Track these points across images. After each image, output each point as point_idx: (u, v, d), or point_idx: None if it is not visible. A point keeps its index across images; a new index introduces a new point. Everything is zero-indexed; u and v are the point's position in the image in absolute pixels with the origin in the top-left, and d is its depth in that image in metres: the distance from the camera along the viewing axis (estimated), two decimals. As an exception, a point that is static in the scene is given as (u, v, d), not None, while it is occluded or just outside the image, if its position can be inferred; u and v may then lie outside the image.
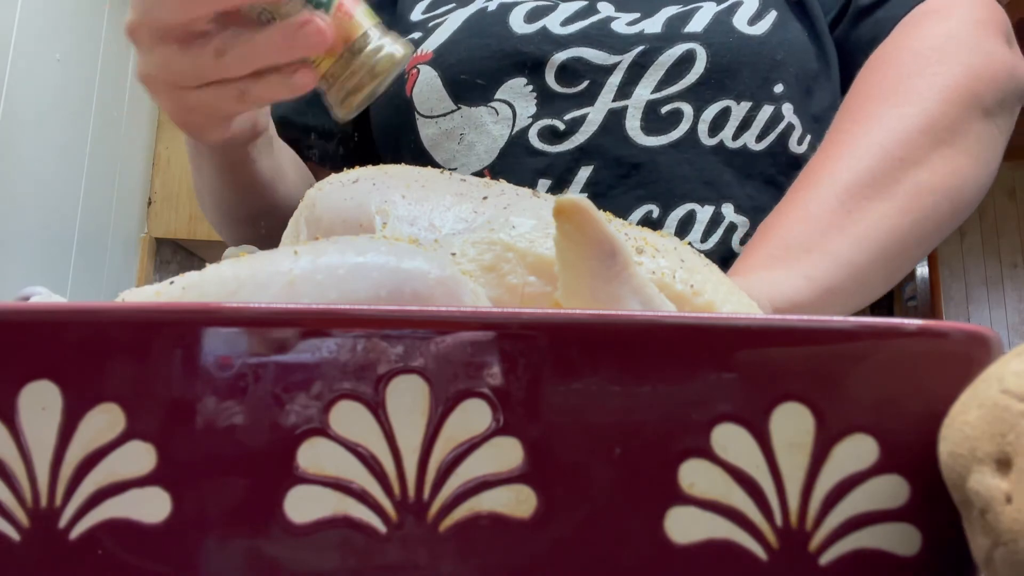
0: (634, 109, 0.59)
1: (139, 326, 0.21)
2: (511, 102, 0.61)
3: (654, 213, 0.58)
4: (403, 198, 0.36)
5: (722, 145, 0.60)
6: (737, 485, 0.21)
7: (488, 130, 0.61)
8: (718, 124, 0.60)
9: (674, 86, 0.59)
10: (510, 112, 0.61)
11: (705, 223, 0.58)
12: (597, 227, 0.26)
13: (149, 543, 0.21)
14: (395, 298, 0.27)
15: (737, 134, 0.60)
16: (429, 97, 0.62)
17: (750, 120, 0.60)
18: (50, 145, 1.63)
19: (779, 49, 0.61)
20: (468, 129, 0.61)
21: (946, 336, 0.22)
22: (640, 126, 0.59)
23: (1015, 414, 0.19)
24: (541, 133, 0.60)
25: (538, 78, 0.60)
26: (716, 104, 0.59)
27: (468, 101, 0.61)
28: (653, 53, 0.60)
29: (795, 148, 0.62)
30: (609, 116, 0.59)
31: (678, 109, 0.59)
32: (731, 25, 0.61)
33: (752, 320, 0.22)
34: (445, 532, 0.21)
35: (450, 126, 0.62)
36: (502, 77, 0.61)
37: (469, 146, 0.61)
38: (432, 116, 0.62)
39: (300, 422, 0.21)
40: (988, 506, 0.19)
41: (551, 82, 0.60)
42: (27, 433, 0.21)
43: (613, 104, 0.59)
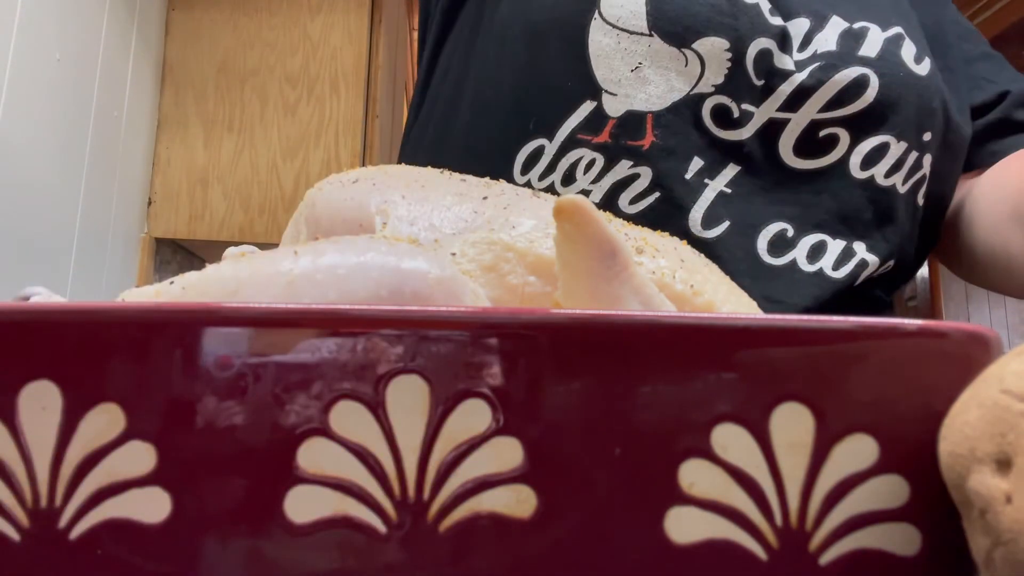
0: (795, 125, 0.56)
1: (139, 326, 0.21)
2: (705, 59, 0.55)
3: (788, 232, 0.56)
4: (403, 198, 0.36)
5: (872, 181, 0.57)
6: (737, 485, 0.21)
7: (669, 75, 0.55)
8: (873, 159, 0.57)
9: (841, 109, 0.56)
10: (699, 68, 0.55)
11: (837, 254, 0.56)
12: (597, 227, 0.26)
13: (149, 543, 0.21)
14: (395, 298, 0.27)
15: (890, 173, 0.57)
16: (624, 6, 0.55)
17: (903, 162, 0.57)
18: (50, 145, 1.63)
19: (936, 96, 0.59)
20: (650, 62, 0.55)
21: (946, 336, 0.22)
22: (793, 145, 0.56)
23: (1015, 414, 0.19)
24: (715, 111, 0.56)
25: (741, 50, 0.56)
26: (875, 138, 0.56)
27: (664, 35, 0.55)
28: (829, 70, 0.56)
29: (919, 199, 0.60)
30: (768, 125, 0.56)
31: (835, 135, 0.56)
32: (899, 57, 0.58)
33: (752, 320, 0.22)
34: (445, 532, 0.21)
35: (631, 47, 0.55)
36: (709, 30, 0.55)
37: (643, 80, 0.55)
38: (617, 27, 0.55)
39: (300, 422, 0.21)
40: (988, 506, 0.19)
41: (748, 63, 0.56)
42: (27, 433, 0.21)
43: (776, 114, 0.56)
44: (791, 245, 0.55)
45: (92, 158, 1.80)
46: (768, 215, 0.56)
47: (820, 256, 0.56)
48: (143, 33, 2.03)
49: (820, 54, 0.57)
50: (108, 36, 1.86)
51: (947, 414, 0.21)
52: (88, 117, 1.79)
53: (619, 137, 0.55)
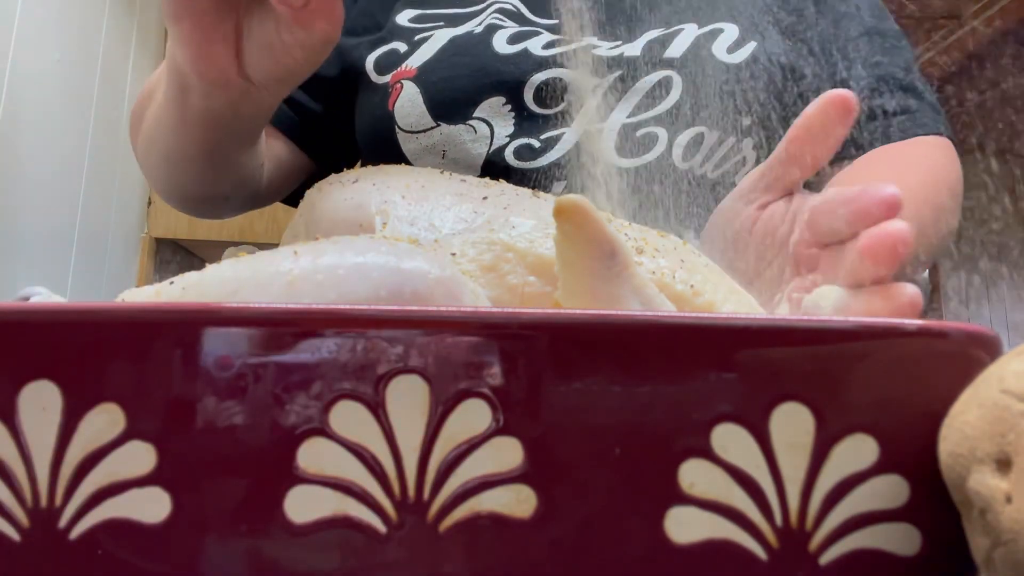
0: (610, 132, 0.60)
1: (139, 326, 0.21)
2: (489, 121, 0.62)
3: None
4: (403, 198, 0.36)
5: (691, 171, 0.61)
6: (737, 485, 0.21)
7: (466, 148, 0.62)
8: (692, 150, 0.61)
9: (649, 111, 0.61)
10: (488, 131, 0.62)
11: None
12: (597, 227, 0.26)
13: (149, 543, 0.21)
14: (395, 298, 0.27)
15: (704, 161, 0.61)
16: (410, 113, 0.63)
17: (715, 150, 0.61)
18: (50, 145, 1.63)
19: (754, 81, 0.62)
20: (448, 146, 0.62)
21: (946, 336, 0.22)
22: (615, 147, 0.60)
23: (1015, 414, 0.19)
24: (517, 152, 0.61)
25: (516, 98, 0.61)
26: (690, 130, 0.60)
27: (447, 119, 0.62)
28: (631, 78, 0.61)
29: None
30: (585, 137, 0.60)
31: (653, 133, 0.60)
32: (709, 51, 0.62)
33: (752, 320, 0.22)
34: (445, 532, 0.21)
35: (430, 142, 0.63)
36: (481, 96, 0.62)
37: (452, 162, 0.62)
38: (413, 131, 0.63)
39: (300, 422, 0.21)
40: (988, 506, 0.19)
41: (529, 102, 0.61)
42: (27, 433, 0.21)
43: (589, 126, 0.60)
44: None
45: (92, 158, 1.80)
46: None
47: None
48: (143, 33, 2.03)
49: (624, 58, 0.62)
50: (108, 36, 1.86)
51: (947, 414, 0.21)
52: (88, 117, 1.79)
53: None
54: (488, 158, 0.61)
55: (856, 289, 0.34)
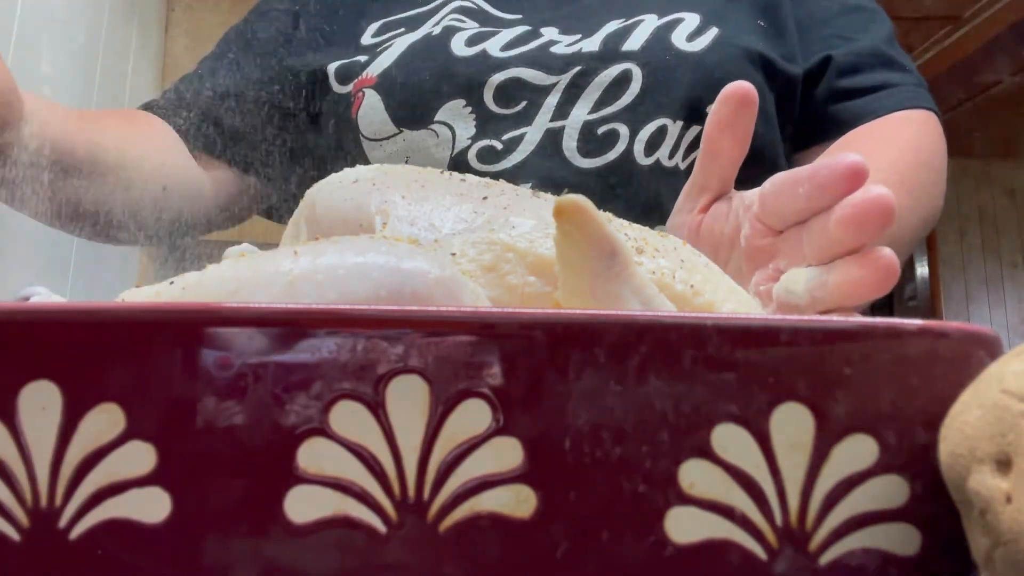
0: (571, 130, 0.60)
1: (139, 326, 0.21)
2: (451, 124, 0.62)
3: None
4: (403, 198, 0.36)
5: (658, 164, 0.60)
6: (737, 485, 0.21)
7: (430, 153, 0.62)
8: (655, 143, 0.60)
9: (610, 107, 0.60)
10: (450, 134, 0.62)
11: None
12: (597, 227, 0.26)
13: (149, 543, 0.21)
14: (395, 298, 0.27)
15: (672, 153, 0.60)
16: (373, 121, 0.63)
17: (681, 140, 0.60)
18: (50, 145, 1.63)
19: (717, 68, 0.61)
20: (411, 152, 0.62)
21: (947, 336, 0.22)
22: (577, 147, 0.60)
23: (1015, 414, 0.19)
24: (480, 154, 0.61)
25: (476, 99, 0.61)
26: (652, 123, 0.59)
27: (409, 125, 0.62)
28: (590, 74, 0.60)
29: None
30: (547, 136, 0.60)
31: (614, 130, 0.60)
32: (669, 42, 0.61)
33: (752, 320, 0.22)
34: (445, 532, 0.21)
35: (394, 149, 0.63)
36: (441, 100, 0.62)
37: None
38: (377, 139, 0.63)
39: (300, 422, 0.21)
40: (988, 506, 0.19)
41: (489, 103, 0.61)
42: (27, 433, 0.21)
43: (551, 124, 0.60)
44: None
45: (92, 158, 1.80)
46: None
47: None
48: (143, 33, 2.03)
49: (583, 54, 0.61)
50: (108, 36, 1.86)
51: (947, 414, 0.21)
52: (88, 117, 1.78)
53: None
54: (452, 162, 0.61)
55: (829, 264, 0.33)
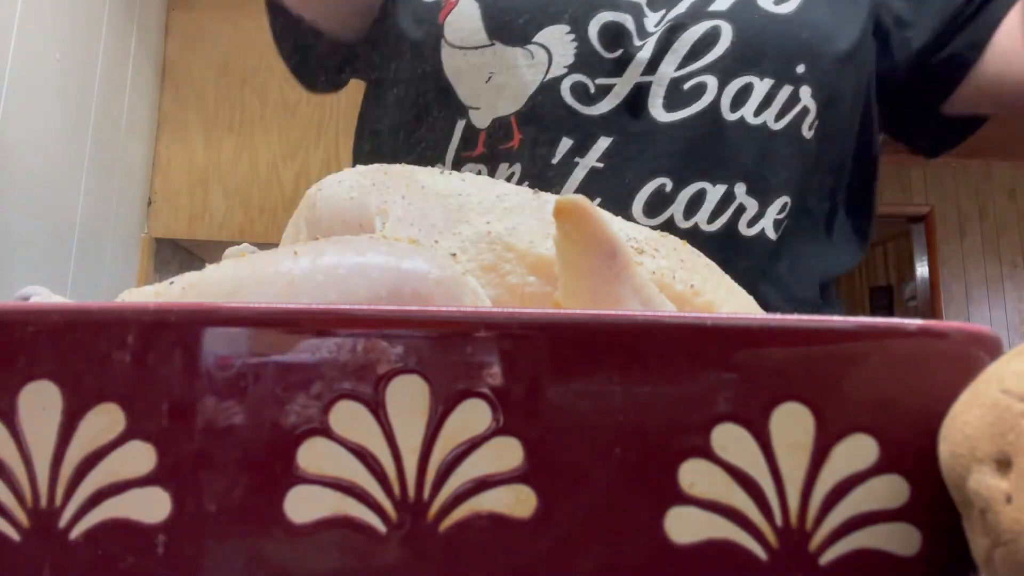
0: (658, 87, 0.58)
1: (139, 326, 0.21)
2: (549, 48, 0.59)
3: (667, 187, 0.57)
4: (403, 198, 0.36)
5: (743, 121, 0.58)
6: (737, 485, 0.21)
7: (520, 73, 0.58)
8: (740, 99, 0.58)
9: (698, 61, 0.58)
10: (546, 57, 0.59)
11: (715, 203, 0.57)
12: (597, 227, 0.26)
13: (149, 543, 0.21)
14: (395, 298, 0.27)
15: (759, 111, 0.58)
16: (463, 27, 0.59)
17: (771, 98, 0.59)
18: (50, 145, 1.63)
19: (804, 29, 0.59)
20: (499, 68, 0.59)
21: (946, 336, 0.22)
22: (662, 103, 0.58)
23: (1015, 414, 0.19)
24: (574, 89, 0.59)
25: (583, 29, 0.59)
26: (740, 79, 0.58)
27: (504, 39, 0.59)
28: (678, 30, 0.59)
29: (805, 132, 0.60)
30: (634, 91, 0.58)
31: (702, 83, 0.58)
32: (756, 5, 0.60)
33: (752, 320, 0.22)
34: (445, 532, 0.21)
35: (479, 61, 0.59)
36: (545, 21, 0.59)
37: (498, 87, 0.59)
38: (462, 47, 0.59)
39: (300, 422, 0.21)
40: (988, 506, 0.19)
41: (593, 39, 0.59)
42: (27, 433, 0.21)
43: (640, 79, 0.58)
44: (669, 201, 0.57)
45: (92, 158, 1.80)
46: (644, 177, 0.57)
47: (697, 209, 0.57)
48: (143, 33, 2.03)
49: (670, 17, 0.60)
50: (108, 36, 1.86)
51: (947, 414, 0.21)
52: (88, 117, 1.79)
53: (492, 145, 0.59)
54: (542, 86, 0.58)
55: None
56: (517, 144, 0.59)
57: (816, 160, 0.61)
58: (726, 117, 0.58)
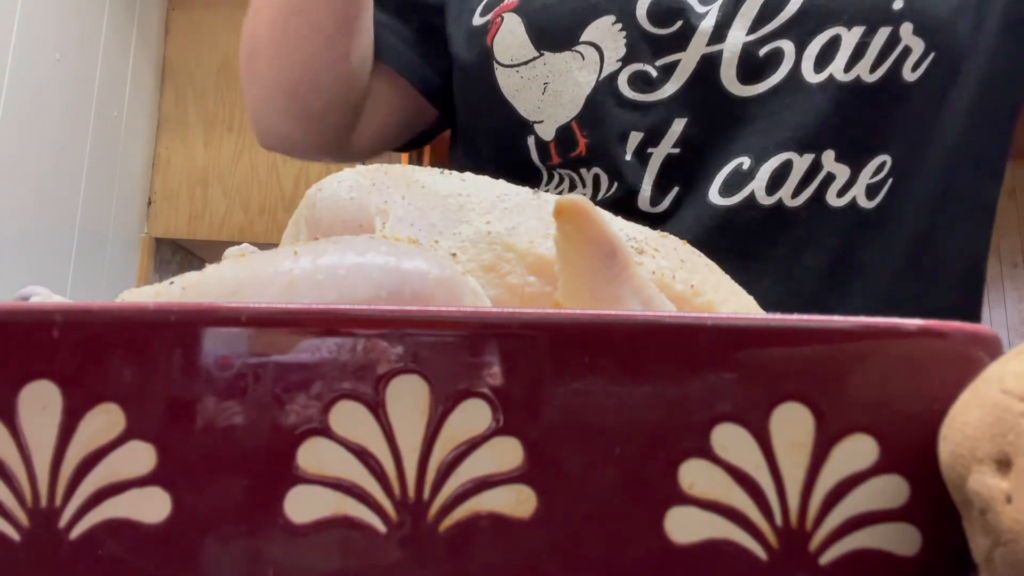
0: (729, 55, 0.53)
1: (139, 326, 0.21)
2: (598, 44, 0.56)
3: (745, 165, 0.53)
4: (403, 198, 0.36)
5: (831, 80, 0.53)
6: (737, 485, 0.21)
7: (573, 77, 0.56)
8: (826, 57, 0.52)
9: (772, 23, 0.53)
10: (597, 56, 0.56)
11: (801, 175, 0.52)
12: (597, 227, 0.26)
13: (149, 543, 0.21)
14: (395, 298, 0.27)
15: (850, 65, 0.52)
16: (511, 45, 0.57)
17: (864, 47, 0.52)
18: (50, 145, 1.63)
19: None
20: (552, 77, 0.56)
21: (946, 336, 0.22)
22: (736, 74, 0.54)
23: (1015, 414, 0.19)
24: (632, 80, 0.55)
25: (629, 16, 0.55)
26: (823, 34, 0.52)
27: (551, 47, 0.56)
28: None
29: (908, 76, 0.53)
30: (703, 63, 0.54)
31: (778, 49, 0.53)
32: None
33: (752, 320, 0.22)
34: (445, 532, 0.21)
35: (532, 74, 0.57)
36: (589, 16, 0.56)
37: (554, 96, 0.57)
38: (512, 65, 0.58)
39: (300, 422, 0.21)
40: (988, 506, 0.19)
41: (642, 20, 0.55)
42: (27, 433, 0.21)
43: (707, 49, 0.54)
44: (749, 177, 0.53)
45: (92, 158, 1.80)
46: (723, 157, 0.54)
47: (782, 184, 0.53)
48: (143, 33, 2.03)
49: None
50: (108, 36, 1.86)
51: (947, 414, 0.21)
52: (88, 117, 1.79)
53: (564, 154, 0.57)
54: (598, 86, 0.55)
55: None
56: (584, 150, 0.57)
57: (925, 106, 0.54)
58: (810, 80, 0.53)
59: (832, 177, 0.53)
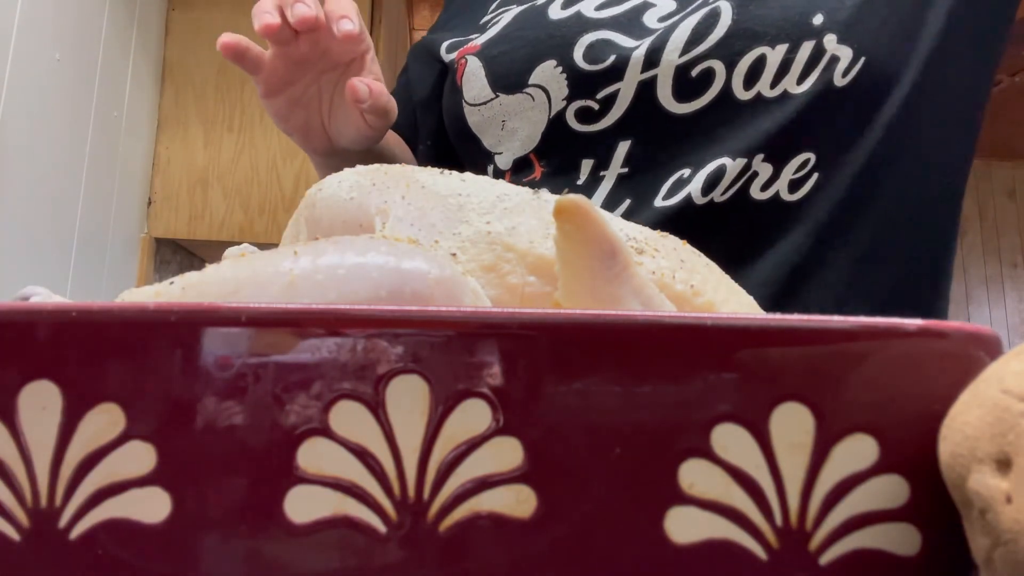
0: (664, 77, 0.58)
1: (139, 326, 0.21)
2: (544, 86, 0.62)
3: (686, 175, 0.58)
4: (403, 198, 0.36)
5: (760, 97, 0.57)
6: (737, 485, 0.21)
7: (527, 116, 0.63)
8: (754, 75, 0.57)
9: (701, 45, 0.57)
10: (545, 97, 0.62)
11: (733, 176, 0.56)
12: (597, 227, 0.26)
13: (149, 543, 0.21)
14: (395, 298, 0.27)
15: (775, 81, 0.57)
16: (474, 86, 0.65)
17: (789, 63, 0.56)
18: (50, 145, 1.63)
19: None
20: (508, 116, 0.64)
21: (947, 336, 0.22)
22: (672, 93, 0.58)
23: (1015, 414, 0.19)
24: (578, 114, 0.61)
25: (567, 59, 0.61)
26: (750, 54, 0.57)
27: (505, 89, 0.64)
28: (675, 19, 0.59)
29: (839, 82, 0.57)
30: (640, 88, 0.59)
31: (709, 69, 0.57)
32: None
33: (752, 320, 0.22)
34: (445, 532, 0.21)
35: (491, 114, 0.65)
36: (535, 63, 0.62)
37: (512, 132, 0.64)
38: (476, 104, 0.66)
39: (300, 422, 0.21)
40: (988, 506, 0.19)
41: (579, 62, 0.61)
42: (27, 433, 0.21)
43: (642, 76, 0.59)
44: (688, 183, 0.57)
45: (92, 158, 1.80)
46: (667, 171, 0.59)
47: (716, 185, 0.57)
48: (143, 33, 2.03)
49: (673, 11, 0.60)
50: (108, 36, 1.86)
51: (947, 414, 0.21)
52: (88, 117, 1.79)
53: (517, 180, 0.64)
54: (550, 123, 0.62)
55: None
56: (539, 175, 0.63)
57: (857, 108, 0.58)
58: (740, 97, 0.57)
59: (756, 174, 0.57)
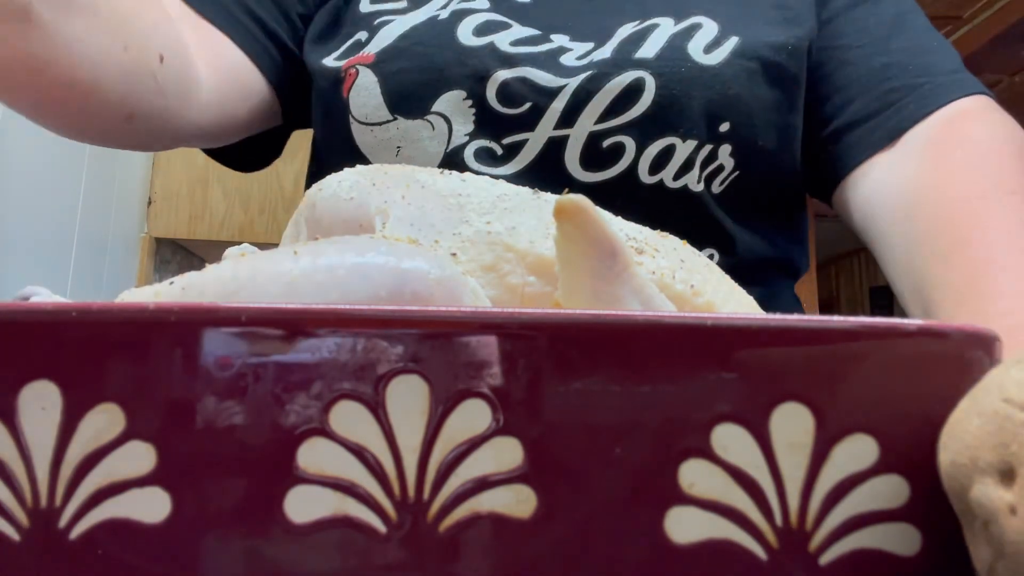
0: (575, 140, 0.56)
1: (139, 326, 0.21)
2: (448, 116, 0.58)
3: None
4: (403, 198, 0.36)
5: (661, 184, 0.57)
6: (737, 485, 0.21)
7: (424, 146, 0.58)
8: (660, 162, 0.56)
9: (619, 118, 0.56)
10: (446, 127, 0.58)
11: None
12: (597, 227, 0.26)
13: (149, 543, 0.21)
14: (395, 298, 0.27)
15: (679, 174, 0.57)
16: (366, 103, 0.59)
17: (692, 161, 0.57)
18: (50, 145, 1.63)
19: (733, 83, 0.57)
20: (404, 143, 0.58)
21: (946, 336, 0.22)
22: (579, 159, 0.57)
23: (1017, 424, 0.19)
24: (478, 154, 0.58)
25: (478, 94, 0.57)
26: (661, 140, 0.56)
27: (405, 112, 0.58)
28: (601, 79, 0.56)
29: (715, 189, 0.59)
30: (549, 145, 0.57)
31: (620, 143, 0.56)
32: (685, 52, 0.57)
33: (752, 320, 0.22)
34: (445, 532, 0.21)
35: (386, 136, 0.59)
36: (441, 89, 0.58)
37: (407, 160, 0.58)
38: (368, 123, 0.59)
39: (300, 422, 0.21)
40: (992, 518, 0.19)
41: (492, 100, 0.57)
42: (27, 433, 0.21)
43: (554, 132, 0.57)
44: None
45: (92, 158, 1.80)
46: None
47: None
48: (143, 33, 2.03)
49: (594, 63, 0.57)
50: (108, 36, 1.85)
51: (947, 421, 0.21)
52: (88, 117, 1.78)
53: None
54: (446, 157, 0.57)
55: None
56: None
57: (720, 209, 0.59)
58: (644, 180, 0.57)
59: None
